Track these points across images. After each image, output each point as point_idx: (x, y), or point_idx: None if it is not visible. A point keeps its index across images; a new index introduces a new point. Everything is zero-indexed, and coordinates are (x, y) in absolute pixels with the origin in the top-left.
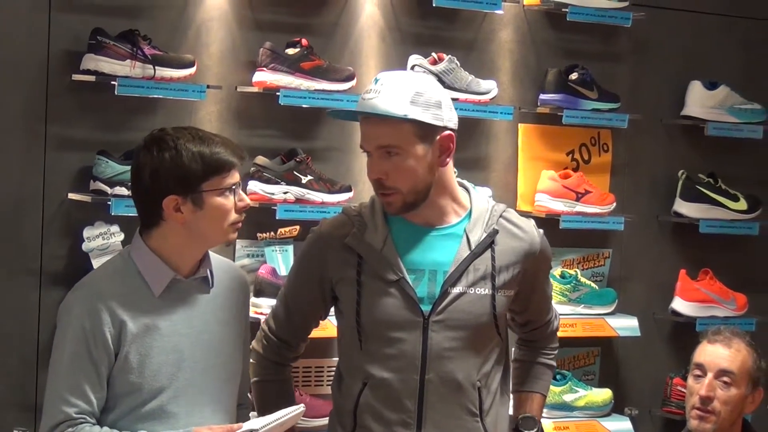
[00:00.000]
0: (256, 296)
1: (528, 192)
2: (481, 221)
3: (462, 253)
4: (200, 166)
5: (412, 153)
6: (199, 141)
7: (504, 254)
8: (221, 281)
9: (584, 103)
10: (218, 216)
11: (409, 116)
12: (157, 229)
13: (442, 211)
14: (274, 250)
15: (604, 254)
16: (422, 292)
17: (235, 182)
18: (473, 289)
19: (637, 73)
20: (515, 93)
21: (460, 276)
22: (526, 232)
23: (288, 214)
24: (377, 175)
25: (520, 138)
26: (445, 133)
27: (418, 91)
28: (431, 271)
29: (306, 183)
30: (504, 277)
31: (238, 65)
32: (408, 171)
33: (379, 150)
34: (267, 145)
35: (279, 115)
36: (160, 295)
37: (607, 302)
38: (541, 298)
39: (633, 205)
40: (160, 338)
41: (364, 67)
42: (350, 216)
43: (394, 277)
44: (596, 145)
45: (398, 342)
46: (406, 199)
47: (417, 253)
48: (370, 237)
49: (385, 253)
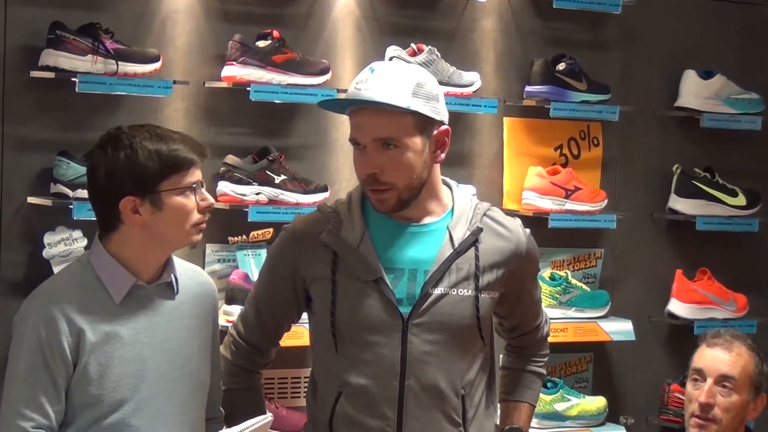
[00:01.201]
0: (228, 303)
1: (514, 189)
2: (465, 219)
3: (444, 252)
4: (157, 164)
5: (411, 146)
6: (157, 139)
7: (488, 254)
8: (187, 287)
9: (572, 94)
10: (179, 217)
11: (411, 107)
12: (116, 233)
13: (424, 208)
14: (247, 255)
15: (596, 254)
16: (401, 293)
17: (196, 181)
18: (455, 290)
19: (627, 62)
20: (499, 85)
21: (441, 276)
22: (512, 231)
23: (261, 216)
24: (372, 169)
25: (505, 132)
26: (443, 127)
27: (419, 83)
28: (411, 270)
29: (279, 183)
30: (488, 278)
31: (205, 59)
32: (406, 165)
33: (376, 142)
34: (238, 144)
35: (250, 111)
36: (120, 301)
37: (600, 305)
38: (529, 302)
39: (625, 202)
40: (122, 347)
41: (340, 60)
42: (325, 213)
43: (371, 277)
44: (586, 139)
45: (376, 346)
46: (402, 195)
47: (396, 251)
48: (346, 233)
49: (362, 250)
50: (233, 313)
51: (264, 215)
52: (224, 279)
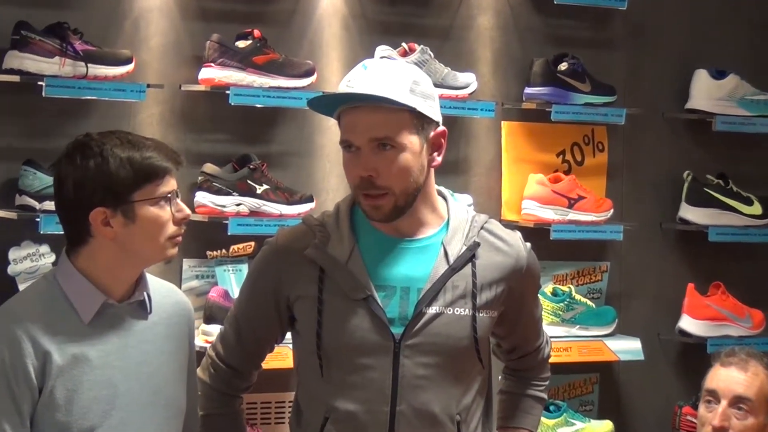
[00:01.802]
0: (207, 322)
1: (513, 199)
2: (461, 233)
3: (439, 268)
4: (130, 173)
5: (409, 147)
6: (129, 146)
7: (486, 270)
8: (161, 306)
9: (575, 96)
10: (153, 229)
11: (410, 104)
12: (85, 247)
13: (419, 220)
14: (226, 270)
15: (601, 268)
16: (393, 312)
17: (171, 190)
18: (451, 308)
19: (634, 61)
20: (497, 87)
21: (436, 294)
22: (511, 245)
23: (241, 228)
24: (367, 171)
25: (503, 137)
26: (439, 129)
27: (416, 80)
28: (403, 288)
29: (261, 193)
30: (486, 296)
31: (181, 61)
32: (403, 168)
33: (372, 143)
34: (216, 151)
35: (229, 116)
36: (89, 321)
37: (606, 322)
38: (529, 321)
39: (633, 211)
40: (91, 371)
41: (325, 60)
42: (311, 226)
43: (360, 295)
44: (590, 144)
45: (365, 369)
46: (398, 201)
47: (388, 268)
48: (333, 248)
49: (350, 266)
50: (212, 333)
51: (245, 228)
52: (202, 297)
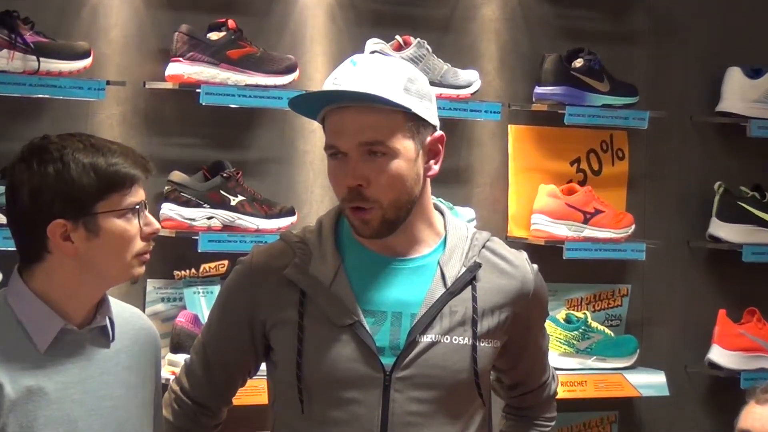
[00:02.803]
0: (174, 351)
1: (522, 213)
2: (459, 252)
3: (435, 292)
4: (93, 181)
5: (402, 153)
6: (92, 150)
7: (488, 294)
8: (124, 333)
9: (592, 97)
10: (119, 244)
11: (405, 104)
12: (41, 265)
13: (415, 237)
14: (196, 293)
15: (621, 291)
16: (383, 341)
17: (140, 201)
18: (449, 337)
19: (659, 58)
20: (503, 86)
21: (432, 320)
22: (517, 267)
23: (213, 245)
24: (357, 180)
25: (510, 143)
26: (436, 133)
27: (411, 78)
28: (395, 313)
29: (236, 205)
30: (488, 324)
31: (146, 55)
32: (396, 176)
33: (361, 148)
34: (185, 157)
35: (200, 118)
36: (46, 350)
37: (626, 353)
38: (535, 354)
39: (657, 227)
40: (47, 405)
41: (309, 55)
42: (290, 243)
43: (346, 321)
44: (609, 152)
45: (351, 404)
46: (387, 215)
47: (377, 290)
48: (316, 268)
49: (335, 289)
50: (180, 363)
51: (217, 244)
52: (169, 322)
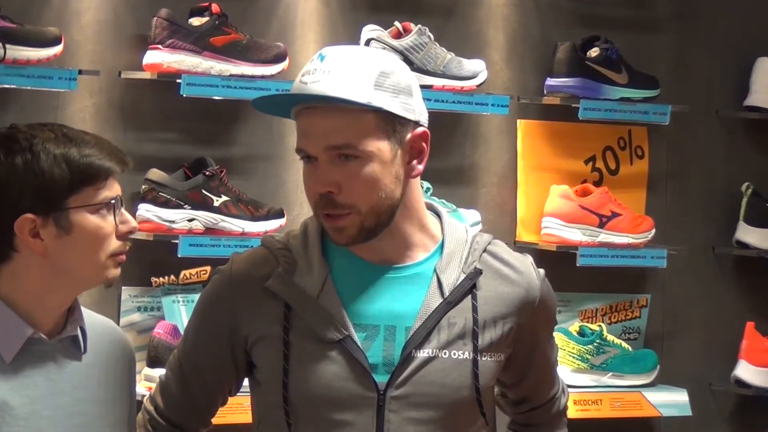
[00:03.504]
0: (151, 366)
1: (532, 215)
2: (458, 258)
3: (432, 302)
4: (65, 173)
5: (376, 155)
6: (64, 140)
7: (490, 303)
8: (97, 345)
9: (609, 90)
10: (92, 243)
11: (373, 104)
12: (7, 266)
13: (405, 242)
14: (176, 301)
15: (640, 302)
16: (376, 357)
17: (115, 196)
18: (447, 351)
19: (682, 47)
20: (512, 77)
21: (428, 333)
22: (521, 272)
23: (194, 250)
24: (326, 187)
25: (519, 140)
26: (418, 130)
27: (384, 71)
28: (388, 326)
29: (220, 206)
30: (490, 336)
31: (122, 42)
32: (370, 181)
33: (330, 152)
34: (164, 154)
35: (181, 110)
36: (12, 360)
37: (645, 369)
38: (543, 366)
39: (679, 232)
40: (13, 421)
41: (300, 43)
42: (273, 250)
43: (335, 336)
44: (627, 149)
45: (342, 426)
46: (365, 222)
47: (368, 302)
48: (301, 279)
49: (323, 301)
50: (157, 378)
51: (199, 249)
52: (146, 334)
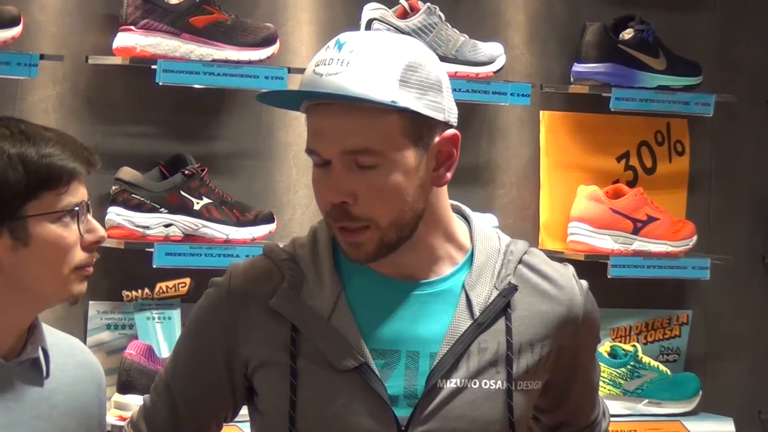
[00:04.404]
0: (123, 391)
1: (556, 220)
2: (490, 271)
3: (460, 324)
4: (21, 176)
5: (400, 163)
6: (21, 138)
7: (527, 324)
8: (61, 369)
9: (645, 77)
10: (54, 256)
11: (399, 103)
12: None
13: (430, 255)
14: (150, 318)
15: (680, 318)
16: (396, 388)
17: (80, 202)
18: (478, 381)
19: (728, 29)
20: (534, 62)
21: (457, 360)
22: (562, 287)
23: (172, 259)
24: (340, 197)
25: (542, 134)
26: (448, 132)
27: (411, 64)
28: (411, 352)
29: (200, 209)
30: (527, 361)
31: (89, 23)
32: (391, 192)
33: (346, 157)
34: (138, 150)
35: (156, 101)
36: None
37: (686, 395)
38: (584, 389)
39: (725, 239)
40: None
41: (292, 24)
42: (278, 261)
43: (350, 363)
44: (665, 144)
45: None
46: (385, 237)
47: (388, 324)
48: (311, 296)
49: (335, 322)
50: (130, 406)
51: (177, 258)
52: (116, 355)
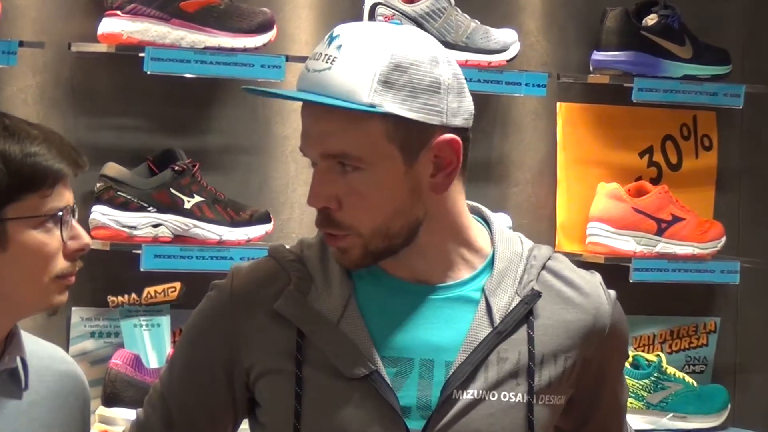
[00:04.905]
0: (108, 404)
1: (574, 220)
2: (512, 276)
3: (479, 331)
4: (4, 175)
5: (384, 168)
6: (5, 135)
7: (550, 334)
8: (41, 380)
9: (670, 66)
10: (34, 263)
11: (377, 108)
12: None
13: (443, 260)
14: (137, 325)
15: (708, 326)
16: (409, 398)
17: (64, 206)
18: (497, 393)
19: (759, 14)
20: (551, 50)
21: (474, 370)
22: (588, 295)
23: (161, 262)
24: (322, 201)
25: (559, 127)
26: (445, 136)
27: (400, 64)
28: (425, 361)
29: (192, 208)
30: (549, 374)
31: (72, 7)
32: (372, 198)
33: (328, 160)
34: (124, 145)
35: (145, 91)
36: None
37: (714, 409)
38: (610, 410)
39: (756, 240)
40: None
41: (290, 8)
42: (283, 262)
43: (360, 371)
44: (691, 139)
45: None
46: (369, 245)
47: (401, 330)
48: (318, 299)
49: (344, 327)
50: (116, 420)
51: (166, 261)
52: (101, 365)
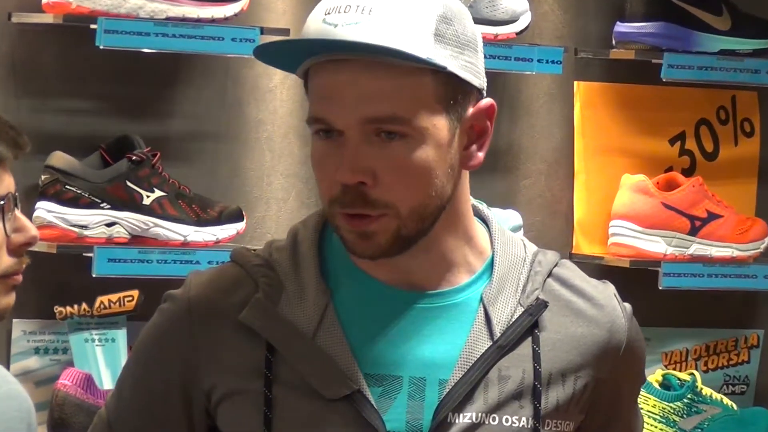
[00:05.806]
0: (56, 429)
1: (594, 217)
2: (513, 283)
3: (477, 345)
4: None
5: (431, 135)
6: None
7: (558, 349)
8: None
9: (704, 39)
10: None
11: (435, 61)
12: None
13: (445, 259)
14: (89, 340)
15: (749, 340)
16: (397, 422)
17: (5, 194)
18: (497, 416)
19: None
20: (567, 21)
21: (472, 390)
22: (601, 307)
23: (115, 267)
24: (357, 176)
25: (577, 110)
26: (483, 102)
27: (445, 16)
28: (416, 379)
29: (151, 204)
30: (557, 395)
31: None
32: (420, 170)
33: (366, 127)
34: (73, 131)
35: (97, 69)
36: None
37: None
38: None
39: None
40: None
41: None
42: (249, 267)
43: (340, 391)
44: (729, 123)
45: None
46: (403, 228)
47: (388, 343)
48: (290, 309)
49: (321, 341)
50: None
51: (122, 266)
52: (47, 385)
